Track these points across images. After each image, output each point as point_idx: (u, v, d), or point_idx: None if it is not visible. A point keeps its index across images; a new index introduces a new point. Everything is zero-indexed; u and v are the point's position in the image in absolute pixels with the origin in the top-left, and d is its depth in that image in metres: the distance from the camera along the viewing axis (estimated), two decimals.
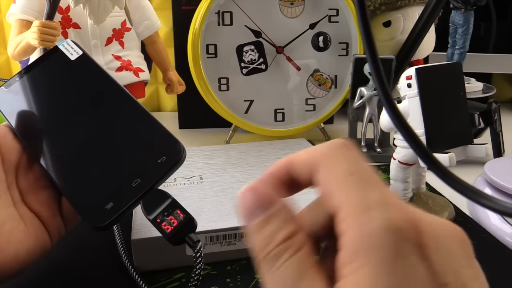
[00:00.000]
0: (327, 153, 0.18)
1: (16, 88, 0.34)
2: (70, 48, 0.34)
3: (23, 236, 0.28)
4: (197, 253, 0.27)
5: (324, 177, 0.17)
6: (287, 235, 0.17)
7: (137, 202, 0.27)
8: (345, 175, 0.17)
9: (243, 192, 0.18)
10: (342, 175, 0.17)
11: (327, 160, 0.18)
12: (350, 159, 0.17)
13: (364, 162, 0.18)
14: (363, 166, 0.17)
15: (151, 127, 0.30)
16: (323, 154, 0.18)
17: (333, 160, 0.17)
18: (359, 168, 0.17)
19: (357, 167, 0.17)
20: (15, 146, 0.31)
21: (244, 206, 0.18)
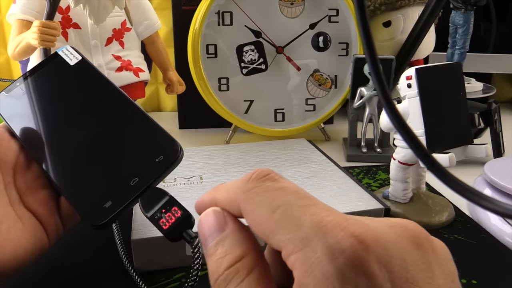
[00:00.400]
0: (245, 196, 0.17)
1: (17, 93, 0.34)
2: (69, 53, 0.35)
3: (20, 234, 0.28)
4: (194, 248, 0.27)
5: (251, 223, 0.17)
6: (234, 260, 0.16)
7: (135, 201, 0.28)
8: (269, 214, 0.16)
9: (206, 214, 0.18)
10: (266, 216, 0.16)
11: (247, 204, 0.17)
12: (269, 193, 0.17)
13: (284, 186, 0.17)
14: (284, 193, 0.17)
15: (148, 128, 0.30)
16: (241, 198, 0.17)
17: (253, 202, 0.17)
18: (280, 200, 0.16)
19: (278, 199, 0.16)
20: (12, 147, 0.31)
21: (203, 229, 0.18)
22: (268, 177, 0.18)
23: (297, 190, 0.17)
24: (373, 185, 0.53)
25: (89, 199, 0.29)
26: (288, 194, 0.17)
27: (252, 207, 0.17)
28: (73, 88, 0.34)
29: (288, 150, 0.54)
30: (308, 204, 0.16)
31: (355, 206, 0.40)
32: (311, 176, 0.46)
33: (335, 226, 0.15)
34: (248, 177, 0.18)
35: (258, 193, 0.17)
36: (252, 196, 0.17)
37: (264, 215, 0.16)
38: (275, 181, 0.18)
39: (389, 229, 0.16)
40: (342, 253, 0.14)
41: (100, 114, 0.32)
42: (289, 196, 0.17)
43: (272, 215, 0.16)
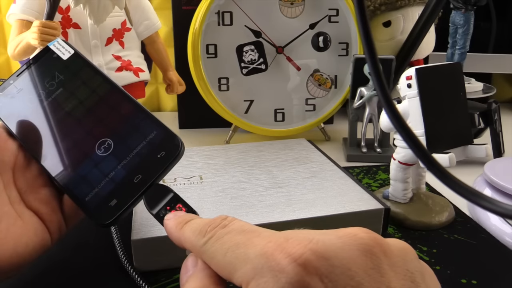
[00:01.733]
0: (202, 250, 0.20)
1: (11, 91, 0.34)
2: (61, 47, 0.34)
3: (20, 232, 0.28)
4: None
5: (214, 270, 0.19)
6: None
7: (140, 198, 0.28)
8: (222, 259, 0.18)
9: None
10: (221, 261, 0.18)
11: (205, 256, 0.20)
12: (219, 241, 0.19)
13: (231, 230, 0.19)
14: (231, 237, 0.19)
15: (148, 123, 0.30)
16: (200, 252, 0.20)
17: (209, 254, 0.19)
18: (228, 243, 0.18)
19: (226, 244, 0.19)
20: (10, 146, 0.31)
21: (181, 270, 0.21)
22: (219, 226, 0.20)
23: (243, 228, 0.19)
24: (373, 185, 0.53)
25: (94, 198, 0.29)
26: (234, 235, 0.19)
27: (210, 258, 0.19)
28: (68, 83, 0.33)
29: (288, 150, 0.54)
30: (251, 237, 0.18)
31: (355, 206, 0.40)
32: (311, 176, 0.46)
33: (275, 250, 0.16)
34: (204, 230, 0.20)
35: (212, 244, 0.19)
36: (207, 248, 0.20)
37: (219, 261, 0.19)
38: (224, 227, 0.20)
39: (337, 239, 0.17)
40: (283, 273, 0.15)
41: (98, 109, 0.32)
42: (236, 237, 0.19)
43: (224, 258, 0.18)
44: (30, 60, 0.35)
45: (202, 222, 0.21)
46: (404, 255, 0.17)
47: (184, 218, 0.23)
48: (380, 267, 0.16)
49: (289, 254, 0.16)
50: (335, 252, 0.16)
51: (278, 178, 0.46)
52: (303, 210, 0.39)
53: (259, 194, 0.42)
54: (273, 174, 0.47)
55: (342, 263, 0.15)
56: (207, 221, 0.21)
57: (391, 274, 0.16)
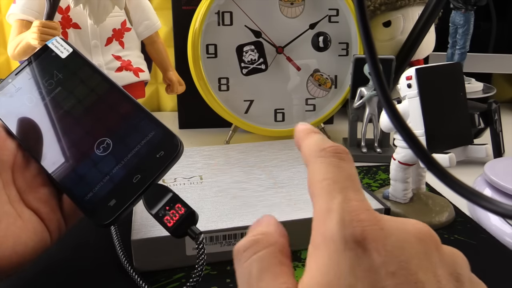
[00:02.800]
0: (314, 159, 0.21)
1: (10, 90, 0.34)
2: (60, 45, 0.34)
3: (20, 231, 0.28)
4: (199, 244, 0.27)
5: (308, 180, 0.21)
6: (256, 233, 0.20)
7: (139, 198, 0.28)
8: (318, 181, 0.20)
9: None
10: (317, 181, 0.20)
11: (311, 166, 0.21)
12: (328, 166, 0.20)
13: (343, 166, 0.20)
14: (338, 171, 0.20)
15: (147, 122, 0.30)
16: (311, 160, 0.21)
17: (315, 167, 0.21)
18: (331, 174, 0.20)
19: (330, 173, 0.20)
20: (8, 146, 0.31)
21: None
22: (337, 154, 0.21)
23: (350, 174, 0.20)
24: (373, 185, 0.53)
25: (93, 198, 0.29)
26: (340, 172, 0.20)
27: (313, 171, 0.20)
28: (67, 82, 0.33)
29: (288, 150, 0.54)
30: (348, 187, 0.19)
31: None
32: None
33: (354, 209, 0.18)
34: (324, 147, 0.21)
35: (321, 162, 0.20)
36: (317, 162, 0.21)
37: (316, 180, 0.20)
38: (340, 160, 0.21)
39: (399, 223, 0.18)
40: (349, 229, 0.17)
41: (97, 109, 0.32)
42: (340, 174, 0.20)
43: (320, 182, 0.19)
44: (29, 59, 0.34)
45: (327, 139, 0.22)
46: (456, 258, 0.18)
47: (314, 129, 0.24)
48: (430, 256, 0.17)
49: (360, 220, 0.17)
50: (397, 232, 0.17)
51: (278, 178, 0.46)
52: (303, 210, 0.39)
53: (259, 194, 0.42)
54: (273, 174, 0.47)
55: (399, 241, 0.17)
56: (331, 141, 0.22)
57: (438, 265, 0.17)
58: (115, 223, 0.28)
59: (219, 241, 0.36)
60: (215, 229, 0.36)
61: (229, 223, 0.37)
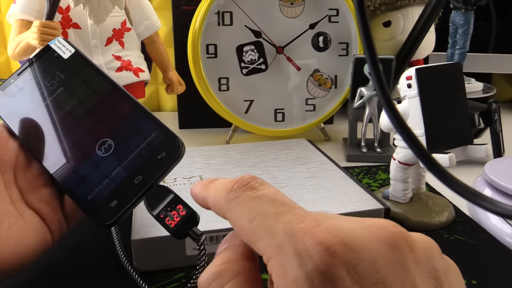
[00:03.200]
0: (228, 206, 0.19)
1: (12, 90, 0.34)
2: (62, 46, 0.34)
3: (22, 232, 0.28)
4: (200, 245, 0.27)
5: (235, 230, 0.19)
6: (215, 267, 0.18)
7: (140, 199, 0.28)
8: (247, 224, 0.18)
9: None
10: (246, 226, 0.18)
11: (230, 214, 0.19)
12: (247, 203, 0.18)
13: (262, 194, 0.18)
14: (261, 202, 0.18)
15: (148, 123, 0.30)
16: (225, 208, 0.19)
17: (234, 213, 0.19)
18: (257, 210, 0.18)
19: (255, 209, 0.18)
20: (10, 146, 0.31)
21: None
22: (248, 186, 0.19)
23: (275, 198, 0.18)
24: (373, 185, 0.53)
25: (94, 198, 0.29)
26: (264, 202, 0.18)
27: (234, 217, 0.19)
28: (69, 82, 0.33)
29: (288, 150, 0.54)
30: (283, 211, 0.17)
31: (355, 206, 0.40)
32: (311, 176, 0.46)
33: (305, 233, 0.16)
34: (231, 187, 0.19)
35: (238, 204, 0.19)
36: (233, 206, 0.19)
37: (244, 225, 0.18)
38: (254, 189, 0.19)
39: (364, 230, 0.16)
40: (310, 259, 0.15)
41: (99, 109, 0.32)
42: (265, 205, 0.18)
43: (250, 225, 0.18)
44: (31, 59, 0.34)
45: (229, 179, 0.20)
46: (429, 251, 0.17)
47: (210, 179, 0.22)
48: (405, 262, 0.16)
49: (319, 241, 0.15)
50: (363, 244, 0.16)
51: (278, 178, 0.46)
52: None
53: None
54: (273, 174, 0.47)
55: (369, 256, 0.15)
56: (234, 179, 0.20)
57: (415, 270, 0.16)
58: (116, 224, 0.28)
59: (219, 241, 0.36)
60: (215, 229, 0.36)
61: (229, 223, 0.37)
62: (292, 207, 0.18)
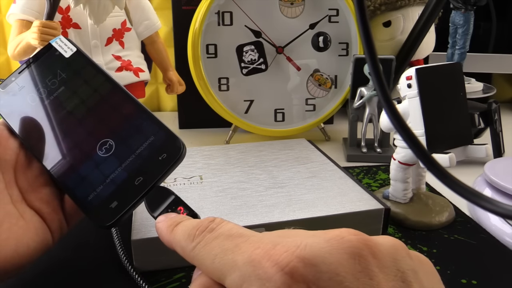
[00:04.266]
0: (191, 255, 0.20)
1: (13, 89, 0.33)
2: (63, 45, 0.34)
3: (22, 232, 0.28)
4: None
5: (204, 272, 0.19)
6: None
7: (140, 200, 0.28)
8: (211, 265, 0.18)
9: None
10: (210, 267, 0.18)
11: (195, 262, 0.20)
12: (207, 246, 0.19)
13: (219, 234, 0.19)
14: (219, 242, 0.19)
15: (150, 124, 0.30)
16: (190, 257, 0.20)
17: (198, 259, 0.19)
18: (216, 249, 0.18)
19: (214, 250, 0.19)
20: (11, 145, 0.31)
21: None
22: (207, 229, 0.20)
23: (230, 233, 0.19)
24: (373, 185, 0.53)
25: (95, 199, 0.29)
26: (222, 240, 0.19)
27: (199, 263, 0.19)
28: (70, 81, 0.33)
29: (288, 150, 0.54)
30: (239, 243, 0.18)
31: (355, 206, 0.40)
32: (311, 176, 0.46)
33: (262, 257, 0.16)
34: (193, 234, 0.20)
35: (200, 249, 0.19)
36: (196, 253, 0.20)
37: (208, 267, 0.19)
38: (212, 231, 0.20)
39: (324, 243, 0.16)
40: (271, 281, 0.15)
41: (100, 109, 0.31)
42: (223, 242, 0.19)
43: (213, 264, 0.18)
44: (32, 57, 0.34)
45: (191, 224, 0.21)
46: (395, 254, 0.17)
47: (175, 220, 0.23)
48: (369, 269, 0.16)
49: (276, 262, 0.16)
50: (323, 257, 0.16)
51: (278, 178, 0.46)
52: (303, 210, 0.39)
53: (259, 194, 0.42)
54: (273, 174, 0.47)
55: (330, 269, 0.15)
56: (195, 224, 0.21)
57: (380, 276, 0.16)
58: (117, 225, 0.28)
59: None
60: None
61: None
62: (247, 237, 0.18)
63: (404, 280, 0.16)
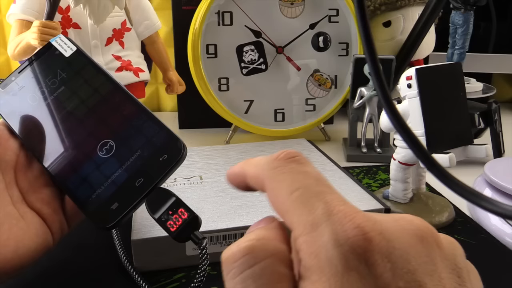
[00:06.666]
0: (270, 173, 0.18)
1: (13, 89, 0.33)
2: (63, 44, 0.34)
3: (22, 233, 0.28)
4: (202, 250, 0.27)
5: (271, 200, 0.18)
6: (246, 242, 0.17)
7: (141, 201, 0.28)
8: (287, 194, 0.17)
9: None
10: (285, 195, 0.17)
11: (270, 181, 0.18)
12: (291, 174, 0.18)
13: (307, 170, 0.18)
14: (305, 177, 0.17)
15: (150, 125, 0.30)
16: (266, 174, 0.18)
17: (276, 180, 0.18)
18: (300, 182, 0.17)
19: (298, 182, 0.17)
20: (11, 146, 0.31)
21: None
22: (294, 159, 0.18)
23: (318, 177, 0.18)
24: (373, 185, 0.53)
25: (96, 201, 0.28)
26: (308, 178, 0.17)
27: (274, 185, 0.18)
28: (70, 81, 0.32)
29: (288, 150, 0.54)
30: (324, 191, 0.17)
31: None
32: None
33: (344, 216, 0.16)
34: (276, 156, 0.18)
35: (282, 173, 0.18)
36: (275, 174, 0.18)
37: (283, 194, 0.17)
38: (300, 164, 0.18)
39: (394, 222, 0.16)
40: (347, 240, 0.15)
41: (100, 110, 0.31)
42: (309, 181, 0.17)
43: (290, 195, 0.17)
44: (32, 57, 0.34)
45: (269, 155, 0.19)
46: (454, 249, 0.17)
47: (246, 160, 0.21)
48: (433, 256, 0.16)
49: (358, 225, 0.15)
50: (396, 235, 0.16)
51: None
52: None
53: (259, 194, 0.42)
54: None
55: (402, 247, 0.15)
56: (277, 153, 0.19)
57: (441, 265, 0.16)
58: (117, 227, 0.28)
59: (219, 241, 0.36)
60: (215, 229, 0.36)
61: (229, 223, 0.37)
62: (333, 191, 0.17)
63: (460, 276, 0.16)
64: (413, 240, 0.16)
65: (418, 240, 0.16)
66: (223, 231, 0.36)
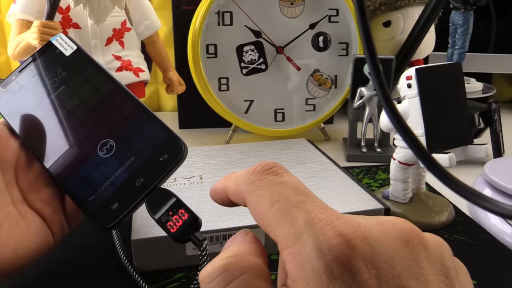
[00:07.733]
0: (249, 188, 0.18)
1: (13, 88, 0.33)
2: (64, 43, 0.33)
3: (22, 233, 0.28)
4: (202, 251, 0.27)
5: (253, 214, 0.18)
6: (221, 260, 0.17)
7: (141, 202, 0.28)
8: (268, 208, 0.17)
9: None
10: (266, 209, 0.17)
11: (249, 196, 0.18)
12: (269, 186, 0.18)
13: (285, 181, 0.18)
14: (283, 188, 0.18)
15: (151, 124, 0.30)
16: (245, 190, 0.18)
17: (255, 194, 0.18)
18: (279, 194, 0.17)
19: (277, 194, 0.17)
20: (11, 145, 0.31)
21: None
22: (271, 170, 0.19)
23: (297, 186, 0.18)
24: (373, 185, 0.53)
25: (95, 201, 0.28)
26: (287, 189, 0.18)
27: (254, 199, 0.18)
28: (70, 80, 0.32)
29: (288, 150, 0.54)
30: (305, 200, 0.17)
31: (355, 206, 0.40)
32: (311, 176, 0.46)
33: (326, 224, 0.16)
34: (253, 170, 0.19)
35: (260, 186, 0.18)
36: (254, 188, 0.18)
37: (263, 208, 0.17)
38: (277, 175, 0.18)
39: (379, 226, 0.16)
40: (330, 250, 0.15)
41: (100, 109, 0.31)
42: (288, 191, 0.17)
43: (270, 208, 0.17)
44: (33, 56, 0.34)
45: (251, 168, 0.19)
46: (441, 250, 0.17)
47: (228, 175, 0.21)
48: (419, 259, 0.16)
49: (340, 233, 0.15)
50: (380, 240, 0.16)
51: None
52: None
53: None
54: None
55: (386, 252, 0.15)
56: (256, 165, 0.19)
57: (428, 267, 0.16)
58: (117, 227, 0.28)
59: (219, 241, 0.36)
60: (215, 229, 0.36)
61: (229, 223, 0.37)
62: (313, 198, 0.17)
63: (448, 277, 0.16)
64: (398, 244, 0.16)
65: (403, 243, 0.16)
66: (223, 231, 0.36)
